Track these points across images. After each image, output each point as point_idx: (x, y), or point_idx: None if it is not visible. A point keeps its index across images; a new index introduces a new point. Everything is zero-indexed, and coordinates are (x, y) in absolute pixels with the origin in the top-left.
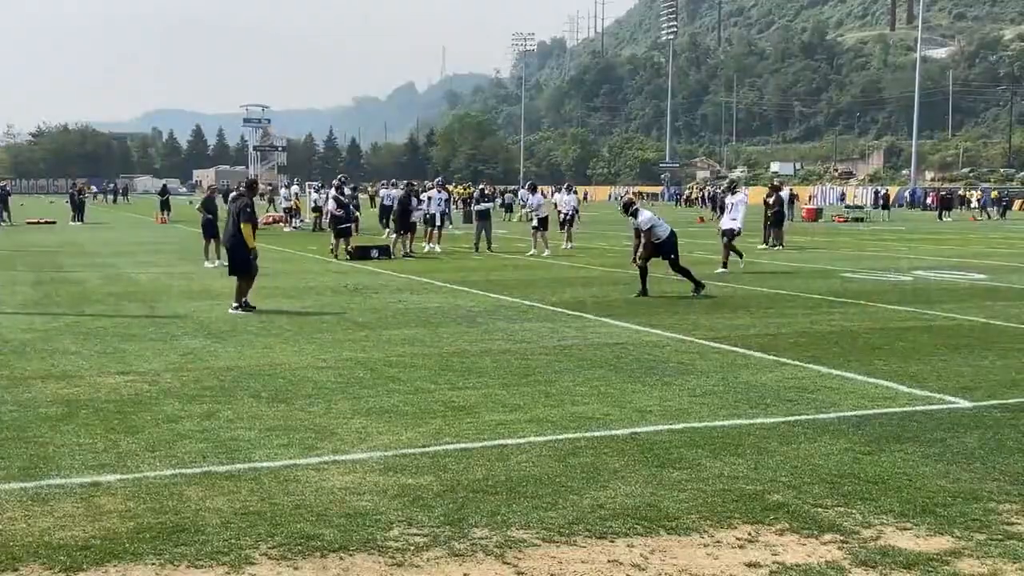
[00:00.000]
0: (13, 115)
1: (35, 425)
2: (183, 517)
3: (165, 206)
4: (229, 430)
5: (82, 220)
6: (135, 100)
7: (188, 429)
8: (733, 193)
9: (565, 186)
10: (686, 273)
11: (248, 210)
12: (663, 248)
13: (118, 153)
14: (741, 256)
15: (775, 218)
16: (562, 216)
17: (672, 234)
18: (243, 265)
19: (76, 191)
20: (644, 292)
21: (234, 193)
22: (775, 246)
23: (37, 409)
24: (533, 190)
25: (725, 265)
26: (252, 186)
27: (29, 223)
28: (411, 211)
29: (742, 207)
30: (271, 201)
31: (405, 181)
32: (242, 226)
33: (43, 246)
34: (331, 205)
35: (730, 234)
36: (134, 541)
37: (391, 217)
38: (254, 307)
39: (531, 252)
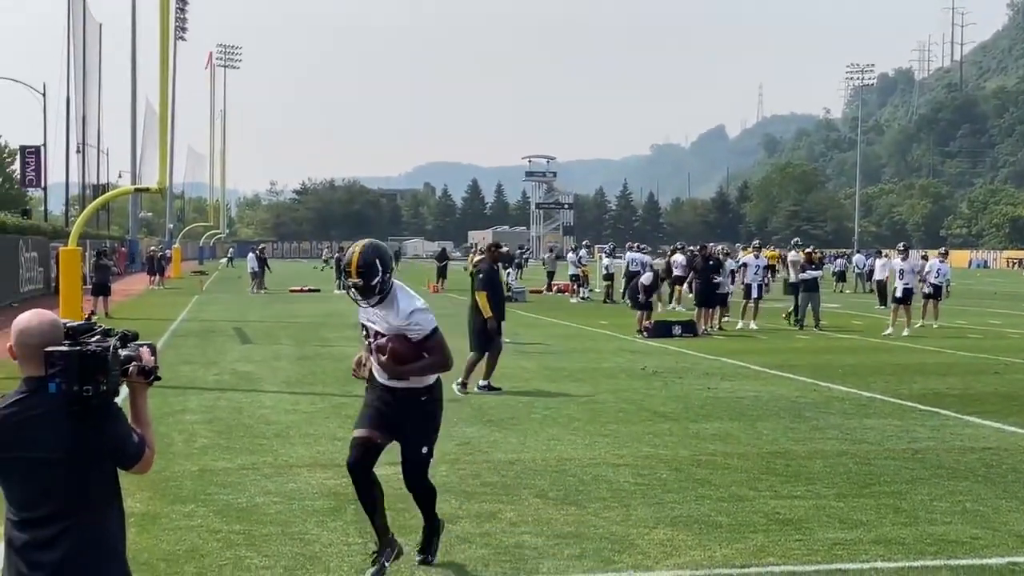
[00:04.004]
0: (277, 171)
1: (300, 520)
2: None
3: (442, 273)
4: (513, 535)
5: None
6: (406, 152)
7: (466, 531)
8: None
9: (940, 252)
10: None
11: (480, 276)
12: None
13: (387, 212)
14: None
15: None
16: (928, 287)
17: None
18: (483, 338)
19: (340, 255)
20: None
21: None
22: None
23: (303, 501)
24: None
25: None
26: (492, 250)
27: (292, 291)
28: (717, 283)
29: None
30: (519, 267)
31: (680, 245)
32: (476, 294)
33: (307, 317)
34: (646, 278)
35: None
36: None
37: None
38: (499, 388)
39: (888, 331)
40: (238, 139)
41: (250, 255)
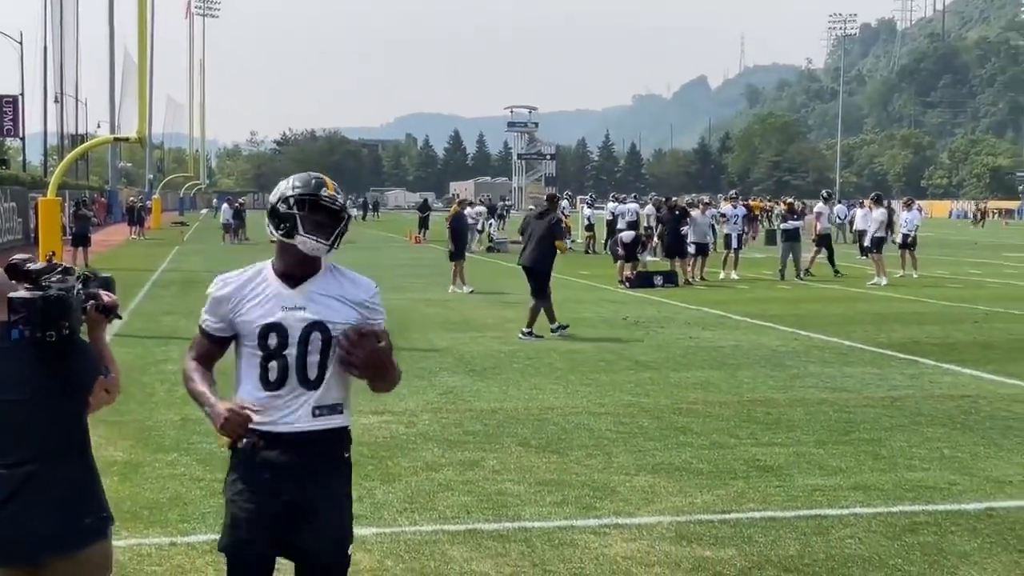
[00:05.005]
0: (257, 122)
1: None
2: None
3: (424, 224)
4: (495, 482)
5: None
6: (387, 104)
7: (449, 479)
8: None
9: (905, 201)
10: None
11: (561, 225)
12: None
13: (368, 163)
14: None
15: None
16: (902, 237)
17: None
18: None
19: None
20: None
21: (539, 210)
22: None
23: None
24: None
25: None
26: (553, 200)
27: (273, 242)
28: (683, 234)
29: None
30: (501, 217)
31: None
32: (557, 243)
33: None
34: (627, 235)
35: None
36: None
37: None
38: (541, 336)
39: (875, 280)
40: (218, 89)
41: (224, 206)
